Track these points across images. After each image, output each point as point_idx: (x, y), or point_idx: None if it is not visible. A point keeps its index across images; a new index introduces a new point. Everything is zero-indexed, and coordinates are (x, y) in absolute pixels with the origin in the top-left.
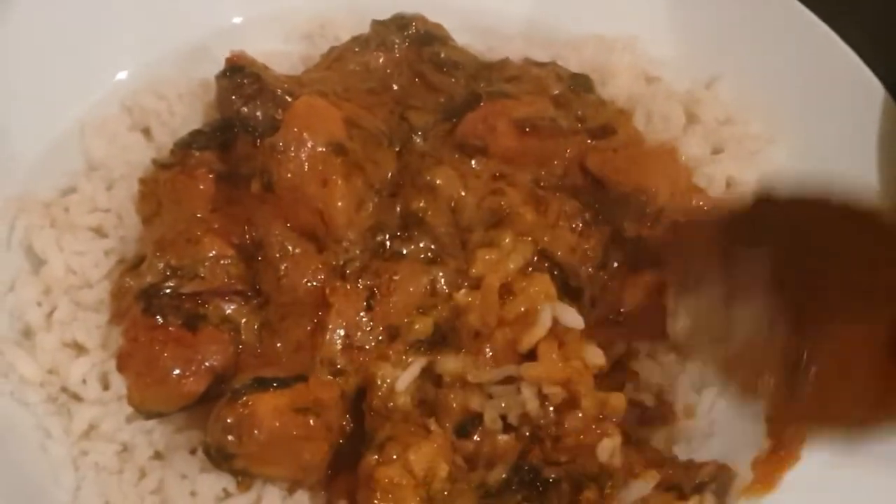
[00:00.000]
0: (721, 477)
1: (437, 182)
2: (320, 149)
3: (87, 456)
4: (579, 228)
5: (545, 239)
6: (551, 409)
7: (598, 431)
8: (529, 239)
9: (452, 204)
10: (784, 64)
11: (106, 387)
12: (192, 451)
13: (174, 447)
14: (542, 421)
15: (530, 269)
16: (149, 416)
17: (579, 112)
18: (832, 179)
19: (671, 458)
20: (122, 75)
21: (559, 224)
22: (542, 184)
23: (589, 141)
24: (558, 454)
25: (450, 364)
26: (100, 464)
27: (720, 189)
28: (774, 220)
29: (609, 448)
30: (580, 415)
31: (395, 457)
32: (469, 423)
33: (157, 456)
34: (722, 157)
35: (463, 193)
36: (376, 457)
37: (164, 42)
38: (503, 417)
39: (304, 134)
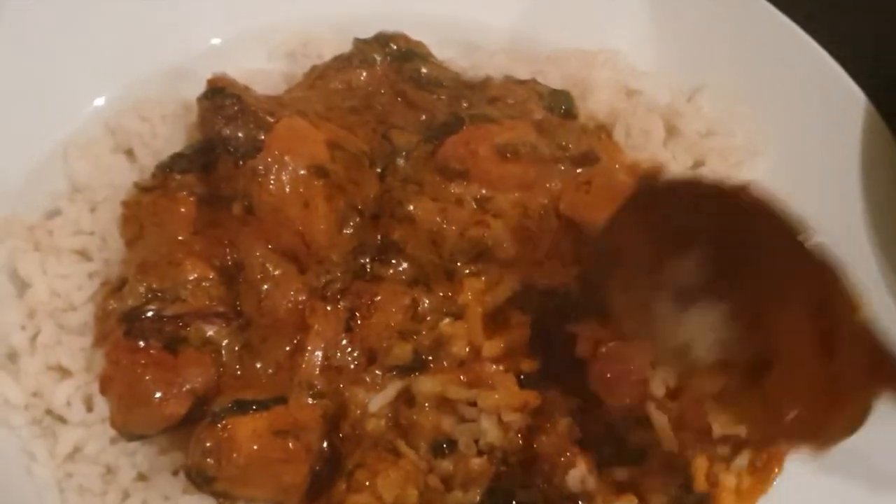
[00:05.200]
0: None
1: (417, 213)
2: (301, 171)
3: (71, 478)
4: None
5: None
6: (518, 435)
7: (564, 460)
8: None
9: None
10: (766, 75)
11: (90, 409)
12: (175, 473)
13: (157, 469)
14: (509, 447)
15: None
16: (131, 438)
17: (563, 142)
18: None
19: None
20: (105, 97)
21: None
22: (528, 212)
23: (573, 170)
24: (533, 477)
25: (426, 385)
26: (84, 486)
27: None
28: (676, 209)
29: (577, 477)
30: (550, 439)
31: (364, 484)
32: (444, 443)
33: (141, 477)
34: (704, 170)
35: (444, 225)
36: (346, 485)
37: (148, 63)
38: (476, 441)
39: (286, 157)
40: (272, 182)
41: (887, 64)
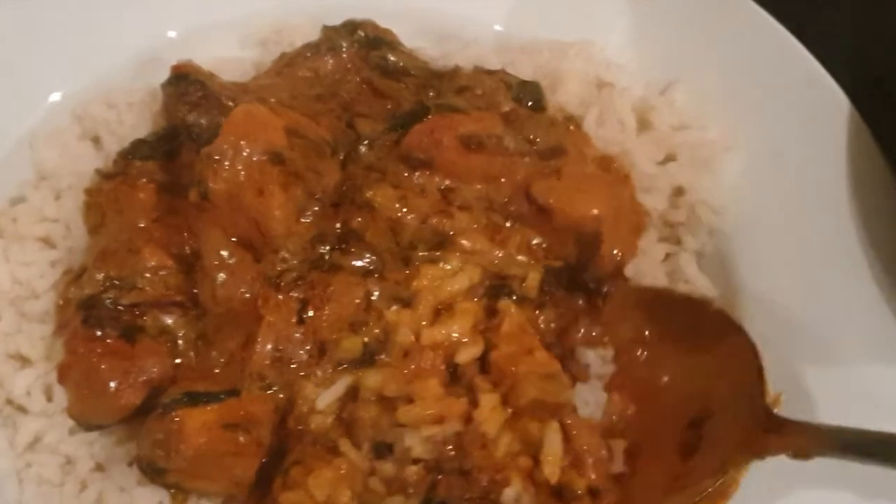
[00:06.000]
0: None
1: (377, 200)
2: (256, 157)
3: (30, 468)
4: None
5: (496, 263)
6: (447, 445)
7: (500, 477)
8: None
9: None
10: (743, 70)
11: (50, 399)
12: (131, 464)
13: (114, 459)
14: (441, 457)
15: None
16: (89, 427)
17: (531, 135)
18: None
19: None
20: (72, 85)
21: (517, 255)
22: (493, 205)
23: (539, 163)
24: (470, 489)
25: (370, 379)
26: (42, 476)
27: (665, 200)
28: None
29: (512, 496)
30: (490, 452)
31: (298, 482)
32: (386, 445)
33: (98, 468)
34: (672, 166)
35: (405, 211)
36: (281, 481)
37: (118, 51)
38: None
39: (241, 142)
40: (227, 168)
41: (867, 61)
